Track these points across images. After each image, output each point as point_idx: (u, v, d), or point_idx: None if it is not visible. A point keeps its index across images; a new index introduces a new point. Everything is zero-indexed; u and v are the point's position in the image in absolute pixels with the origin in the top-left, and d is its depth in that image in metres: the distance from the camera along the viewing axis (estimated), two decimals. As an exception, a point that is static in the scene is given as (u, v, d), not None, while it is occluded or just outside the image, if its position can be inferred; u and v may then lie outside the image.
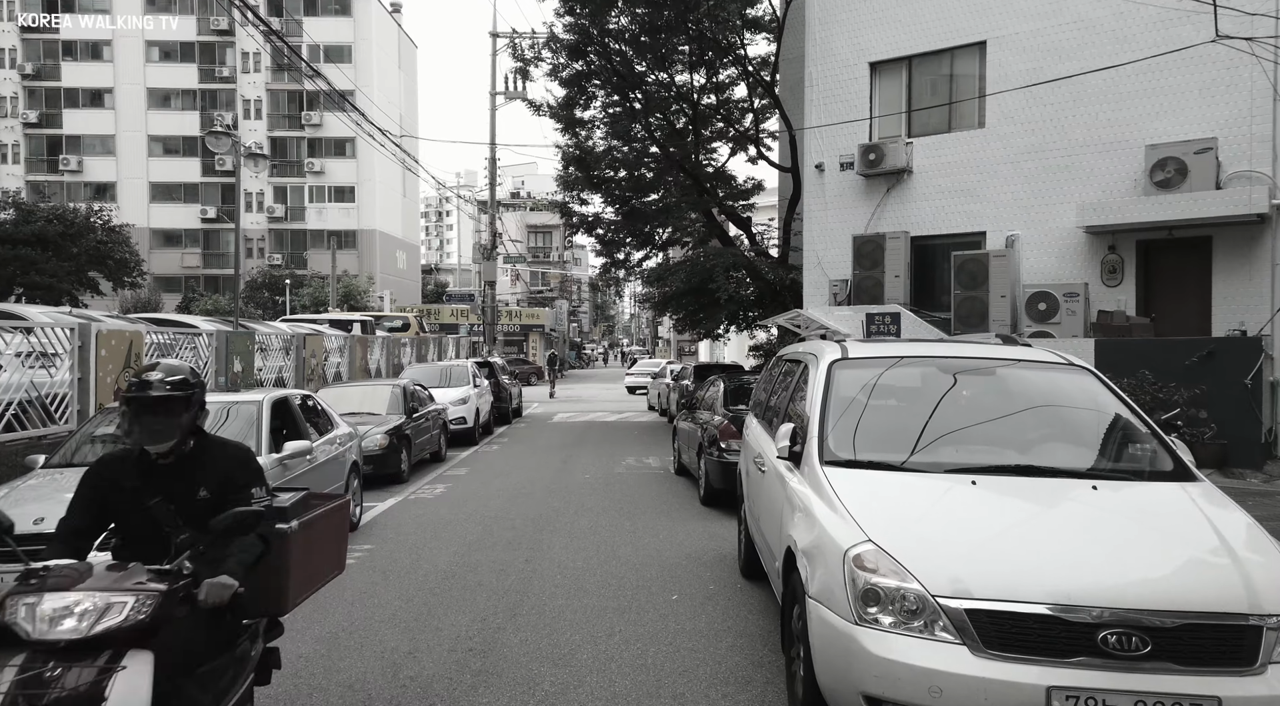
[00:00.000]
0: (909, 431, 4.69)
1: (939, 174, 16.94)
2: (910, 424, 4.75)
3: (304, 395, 9.10)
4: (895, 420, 4.83)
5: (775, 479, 5.21)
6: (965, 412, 4.88)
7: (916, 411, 4.84)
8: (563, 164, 26.27)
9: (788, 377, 6.49)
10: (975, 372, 5.09)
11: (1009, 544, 3.68)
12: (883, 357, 5.27)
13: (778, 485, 5.08)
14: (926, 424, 4.72)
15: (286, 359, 15.43)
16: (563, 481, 12.95)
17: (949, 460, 4.48)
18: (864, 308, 16.62)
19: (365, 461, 12.05)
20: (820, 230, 18.61)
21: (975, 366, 5.13)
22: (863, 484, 4.26)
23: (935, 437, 4.67)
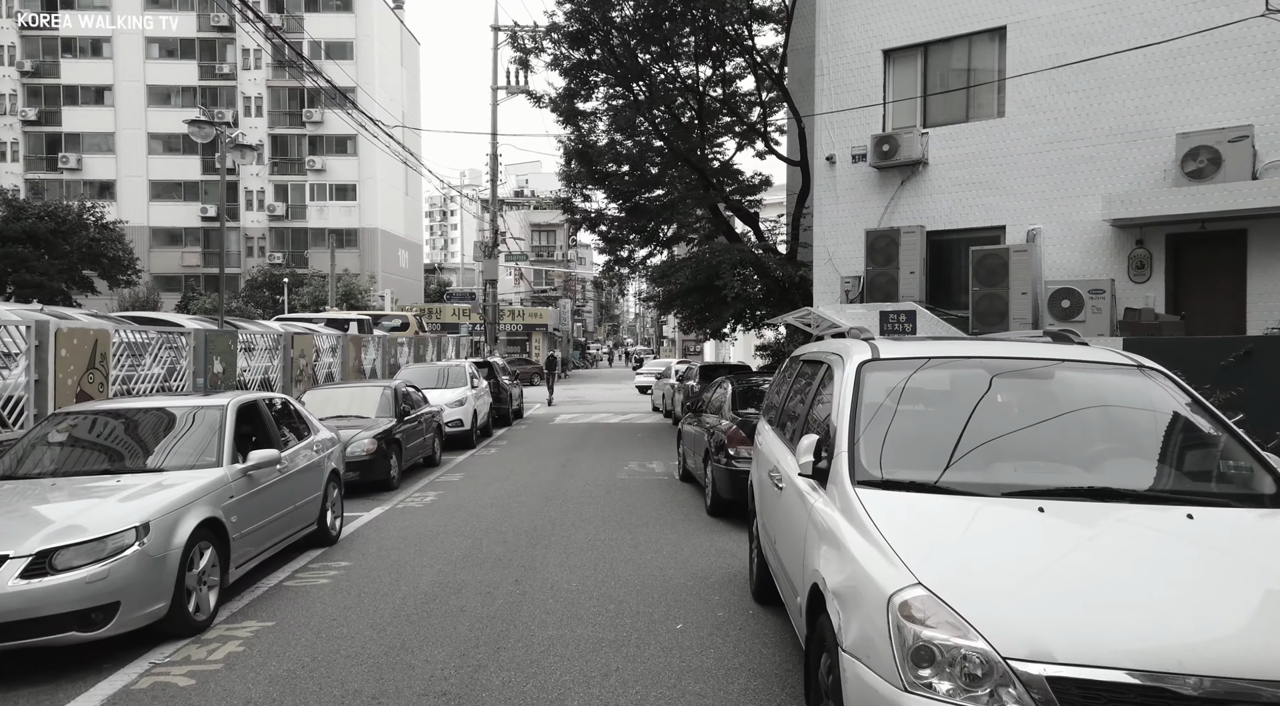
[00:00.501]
0: (956, 445, 3.97)
1: (956, 165, 16.21)
2: (957, 436, 4.04)
3: (278, 398, 8.41)
4: (939, 431, 4.11)
5: (796, 498, 4.50)
6: (1020, 423, 4.16)
7: (963, 421, 4.12)
8: (565, 159, 25.61)
9: (806, 380, 5.79)
10: (1029, 376, 4.38)
11: (1097, 591, 2.96)
12: (920, 358, 4.55)
13: (799, 506, 4.37)
14: (976, 437, 4.01)
15: (273, 359, 14.75)
16: (561, 488, 12.25)
17: (1006, 480, 3.77)
18: (878, 305, 15.90)
19: (351, 468, 11.41)
20: (831, 225, 17.88)
21: (1028, 368, 4.41)
22: (905, 510, 3.55)
23: (988, 453, 3.96)
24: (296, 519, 7.86)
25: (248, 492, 6.74)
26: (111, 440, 6.82)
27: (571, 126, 23.51)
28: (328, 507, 8.66)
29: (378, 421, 12.73)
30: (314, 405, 13.12)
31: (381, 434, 12.21)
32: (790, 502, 4.67)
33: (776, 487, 5.14)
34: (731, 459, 9.42)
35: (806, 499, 4.23)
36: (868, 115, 17.25)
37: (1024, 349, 4.65)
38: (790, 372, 6.68)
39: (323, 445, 8.82)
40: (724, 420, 10.24)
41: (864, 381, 4.36)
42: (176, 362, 11.45)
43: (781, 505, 4.93)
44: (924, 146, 16.45)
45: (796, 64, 23.86)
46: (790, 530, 4.58)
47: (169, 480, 6.18)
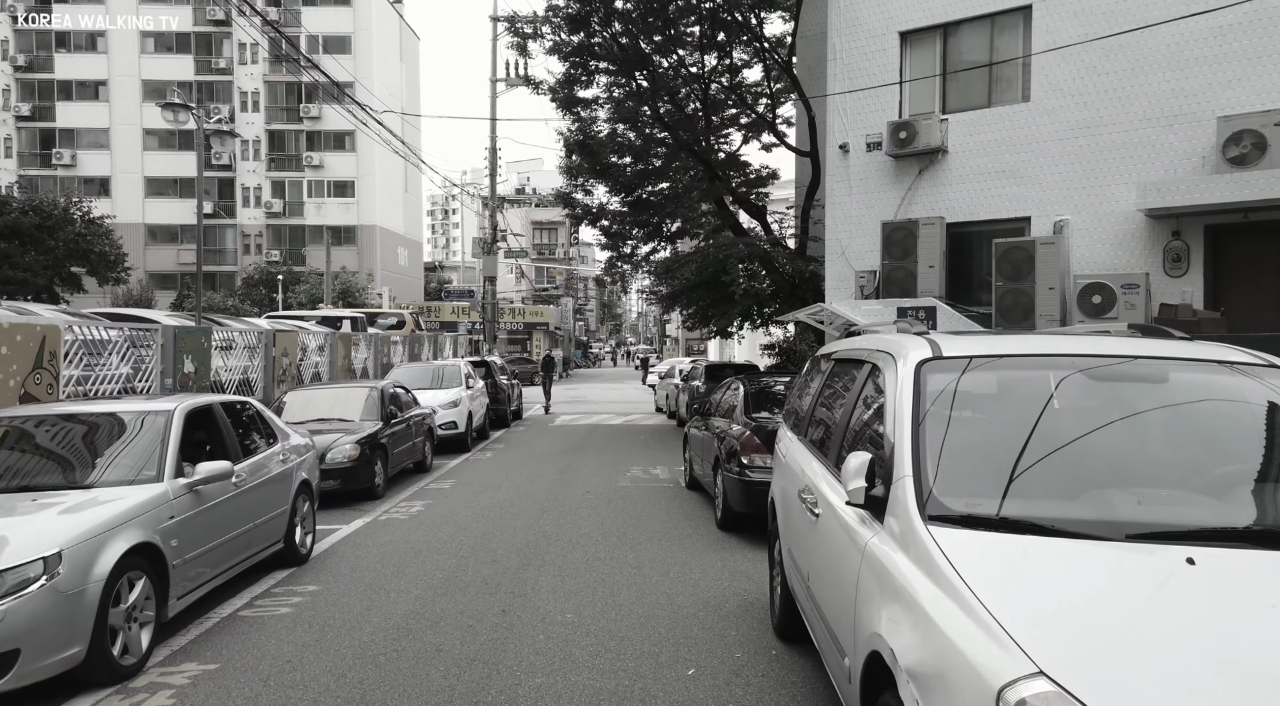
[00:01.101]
0: (1055, 468, 3.10)
1: (977, 153, 15.31)
2: (1055, 455, 3.15)
3: (238, 401, 7.53)
4: (1030, 449, 3.21)
5: (840, 532, 3.61)
6: (1135, 438, 3.28)
7: (1058, 436, 3.24)
8: (565, 151, 24.71)
9: (841, 383, 4.91)
10: (1136, 378, 3.48)
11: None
12: (993, 356, 3.67)
13: (846, 543, 3.49)
14: (1077, 457, 3.13)
15: (254, 359, 13.88)
16: (558, 497, 11.37)
17: (1129, 516, 2.88)
18: (895, 301, 15.00)
19: (331, 476, 10.58)
20: (844, 217, 16.99)
21: (1135, 370, 3.52)
22: (1000, 559, 2.67)
23: (1095, 477, 3.07)
24: (258, 537, 6.98)
25: (194, 511, 5.87)
26: (36, 451, 5.95)
27: (571, 115, 22.60)
28: (297, 523, 7.79)
29: (362, 425, 11.86)
30: (294, 407, 12.28)
31: (365, 439, 11.34)
32: (831, 535, 3.78)
33: (810, 513, 4.25)
34: (745, 468, 8.53)
35: (857, 535, 3.34)
36: (883, 102, 16.37)
37: (1121, 345, 3.76)
38: (816, 373, 5.80)
39: (292, 453, 7.94)
40: (735, 425, 9.36)
41: (926, 385, 3.47)
42: (138, 362, 10.57)
43: (819, 536, 4.04)
44: (943, 133, 15.55)
45: (806, 51, 22.97)
46: (833, 570, 3.70)
47: (100, 498, 5.32)
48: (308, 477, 8.17)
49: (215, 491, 6.18)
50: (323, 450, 10.72)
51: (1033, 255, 14.15)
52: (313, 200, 56.92)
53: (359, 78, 49.54)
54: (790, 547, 5.03)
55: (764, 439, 8.54)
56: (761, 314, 19.88)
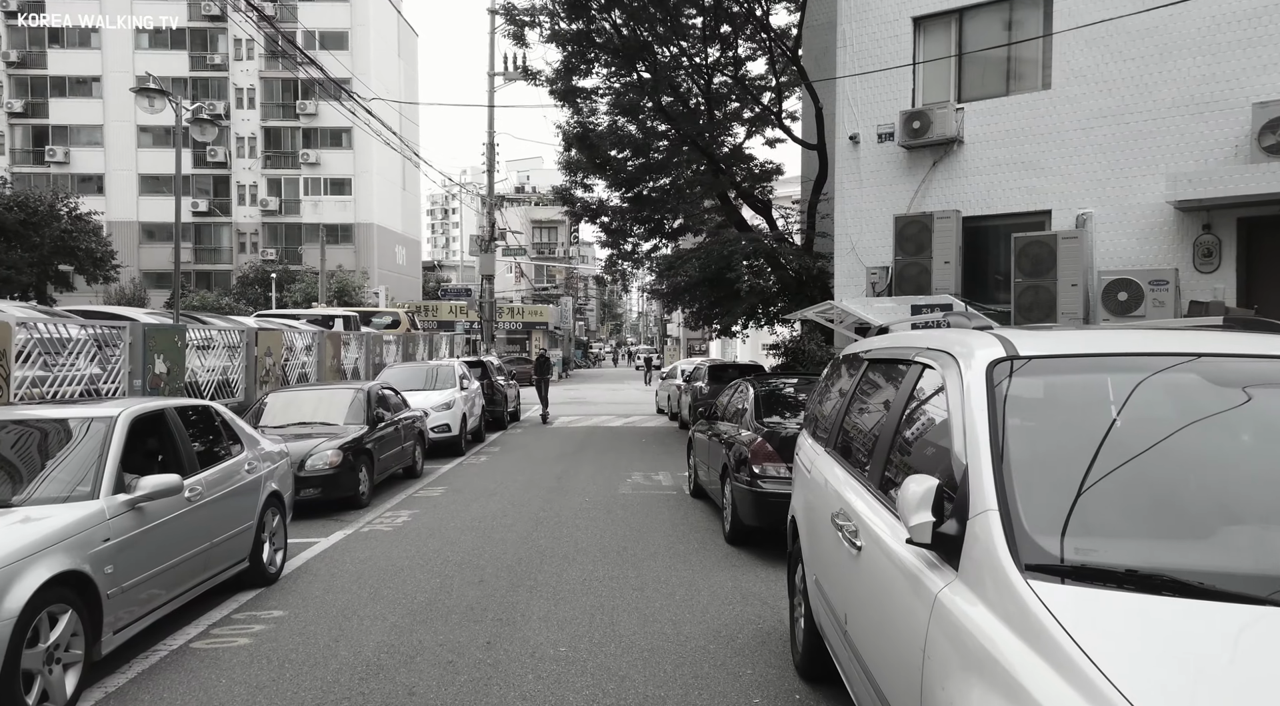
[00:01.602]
0: (1178, 497, 2.40)
1: (995, 144, 14.62)
2: (1177, 485, 2.45)
3: (195, 406, 6.82)
4: (1142, 476, 2.50)
5: (895, 576, 2.91)
6: (1273, 458, 2.57)
7: (1181, 456, 2.53)
8: (564, 145, 23.99)
9: (877, 388, 4.22)
10: (1268, 383, 2.77)
11: None
12: (1084, 356, 2.96)
13: (904, 591, 2.78)
14: (1209, 487, 2.42)
15: (234, 358, 13.18)
16: (554, 507, 10.66)
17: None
18: (909, 298, 14.28)
19: (311, 484, 9.89)
20: (854, 211, 16.28)
21: (1265, 371, 2.81)
22: (1131, 627, 1.98)
23: (1235, 509, 2.37)
24: (218, 558, 6.28)
25: (135, 531, 5.17)
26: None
27: (570, 107, 21.89)
28: (265, 539, 7.09)
29: (346, 429, 11.16)
30: (274, 410, 11.59)
31: (349, 444, 10.64)
32: (882, 577, 3.07)
33: (848, 543, 3.54)
34: (757, 478, 7.83)
35: (922, 583, 2.63)
36: (895, 91, 15.67)
37: (1239, 342, 3.04)
38: (843, 376, 5.10)
39: (262, 461, 7.23)
40: (745, 430, 8.65)
41: (1003, 393, 2.76)
42: (102, 363, 9.87)
43: (863, 575, 3.33)
44: (959, 123, 14.85)
45: (813, 42, 22.26)
46: (886, 621, 2.98)
47: (23, 518, 4.61)
48: (278, 489, 7.46)
49: (163, 508, 5.47)
50: (302, 456, 10.05)
51: (1054, 250, 13.46)
52: (309, 198, 56.22)
53: (356, 74, 48.82)
54: (818, 578, 4.32)
55: (777, 446, 7.84)
56: (767, 312, 19.17)
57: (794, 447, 7.84)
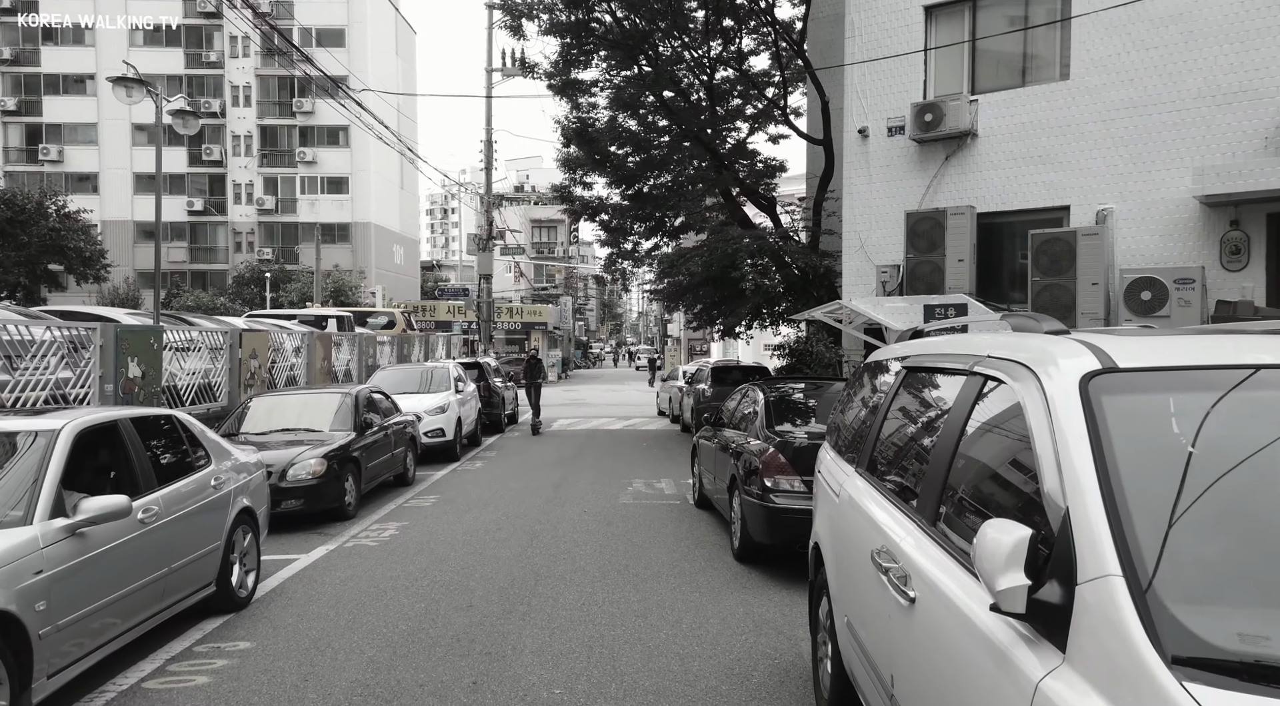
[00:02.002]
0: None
1: (1010, 137, 14.06)
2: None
3: (155, 416, 6.23)
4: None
5: (971, 648, 2.32)
6: None
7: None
8: (563, 140, 23.41)
9: (922, 402, 3.65)
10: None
11: None
12: (1208, 369, 2.38)
13: (987, 671, 2.20)
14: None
15: (217, 361, 12.59)
16: (552, 518, 10.08)
17: None
18: (921, 298, 13.73)
19: (292, 495, 9.34)
20: (863, 207, 15.71)
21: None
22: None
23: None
24: (178, 584, 5.70)
25: (76, 560, 4.58)
26: None
27: (569, 101, 21.31)
28: (234, 560, 6.52)
29: (331, 436, 10.58)
30: (256, 416, 11.01)
31: (334, 451, 10.06)
32: (951, 647, 2.48)
33: (896, 590, 2.95)
34: (768, 492, 7.24)
35: (1015, 664, 2.05)
36: (905, 82, 15.09)
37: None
38: (875, 385, 4.52)
39: (232, 475, 6.65)
40: (755, 439, 8.07)
41: (1105, 416, 2.19)
42: (73, 365, 9.30)
43: (919, 634, 2.74)
44: (972, 115, 14.28)
45: (818, 35, 21.70)
46: (956, 700, 2.40)
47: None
48: (251, 504, 6.88)
49: (110, 533, 4.89)
50: (284, 465, 9.48)
51: (1073, 247, 12.91)
52: (306, 197, 55.60)
53: (353, 71, 48.22)
54: (851, 620, 3.74)
55: (791, 457, 7.26)
56: (772, 313, 18.58)
57: (810, 459, 7.26)
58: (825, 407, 8.58)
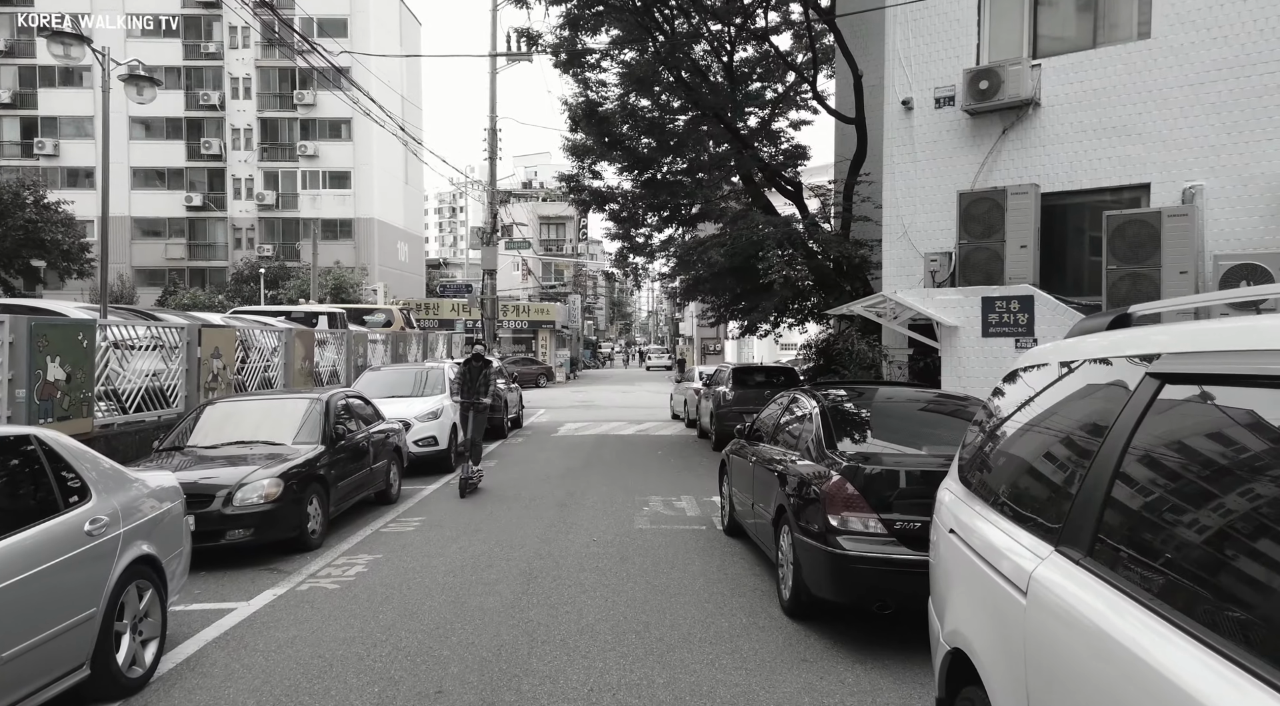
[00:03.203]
0: None
1: (1079, 106, 12.34)
2: None
3: (12, 435, 4.58)
4: None
5: None
6: None
7: None
8: (570, 123, 21.73)
9: (1227, 445, 1.92)
10: None
11: None
12: None
13: None
14: None
15: (172, 361, 10.95)
16: (554, 550, 8.40)
17: None
18: (978, 289, 12.03)
19: (242, 523, 7.73)
20: (907, 189, 13.99)
21: None
22: None
23: None
24: (22, 674, 4.04)
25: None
26: None
27: (575, 78, 19.62)
28: (124, 630, 4.87)
29: (294, 449, 8.92)
30: (208, 426, 9.37)
31: (295, 469, 8.41)
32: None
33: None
34: (833, 532, 5.54)
35: None
36: (956, 47, 13.38)
37: None
38: (1074, 405, 2.83)
39: (119, 515, 4.99)
40: (808, 459, 6.36)
41: None
42: None
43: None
44: (1035, 82, 12.55)
45: (847, 5, 19.97)
46: None
47: None
48: (154, 550, 5.22)
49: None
50: (230, 488, 7.83)
51: (1157, 230, 11.17)
52: (307, 192, 54.03)
53: (356, 62, 46.65)
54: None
55: (863, 488, 5.56)
56: (802, 307, 16.86)
57: (888, 492, 5.56)
58: (897, 421, 6.86)
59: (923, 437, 6.25)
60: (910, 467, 5.70)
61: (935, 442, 6.18)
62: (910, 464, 5.77)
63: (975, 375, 11.86)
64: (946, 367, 12.17)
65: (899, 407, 7.08)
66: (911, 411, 7.10)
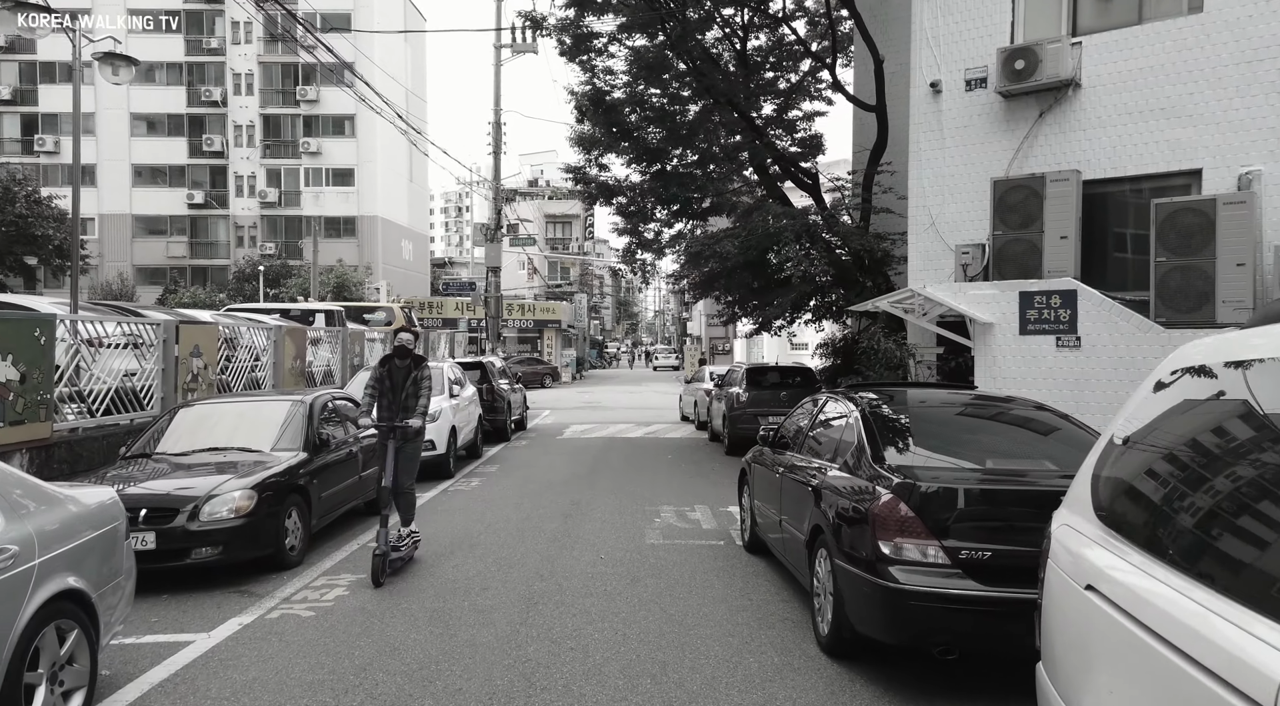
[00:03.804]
0: None
1: (1123, 87, 11.48)
2: None
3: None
4: None
5: None
6: None
7: None
8: (577, 113, 20.91)
9: None
10: None
11: None
12: None
13: None
14: None
15: (147, 360, 10.15)
16: (557, 570, 7.58)
17: None
18: (1015, 284, 11.16)
19: (210, 541, 6.95)
20: (935, 177, 13.14)
21: None
22: None
23: None
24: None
25: None
26: None
27: (582, 62, 18.78)
28: (36, 683, 4.04)
29: (273, 457, 8.12)
30: (180, 430, 8.59)
31: (272, 479, 7.59)
32: None
33: None
34: (884, 561, 4.69)
35: None
36: (989, 25, 12.52)
37: None
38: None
39: (33, 542, 4.16)
40: (847, 472, 5.51)
41: None
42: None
43: None
44: (1075, 61, 11.68)
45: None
46: None
47: None
48: (82, 584, 4.40)
49: None
50: (198, 500, 7.02)
51: (1211, 219, 10.30)
52: (310, 189, 53.27)
53: (361, 58, 45.89)
54: None
55: (918, 508, 4.72)
56: (823, 303, 16.00)
57: (946, 513, 4.70)
58: (949, 429, 6.01)
59: (982, 449, 5.41)
60: (973, 486, 4.85)
61: (998, 455, 5.34)
62: (972, 481, 4.93)
63: (1011, 376, 11.01)
64: (980, 368, 11.32)
65: (948, 414, 6.22)
66: (963, 418, 6.24)
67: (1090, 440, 4.68)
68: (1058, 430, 5.69)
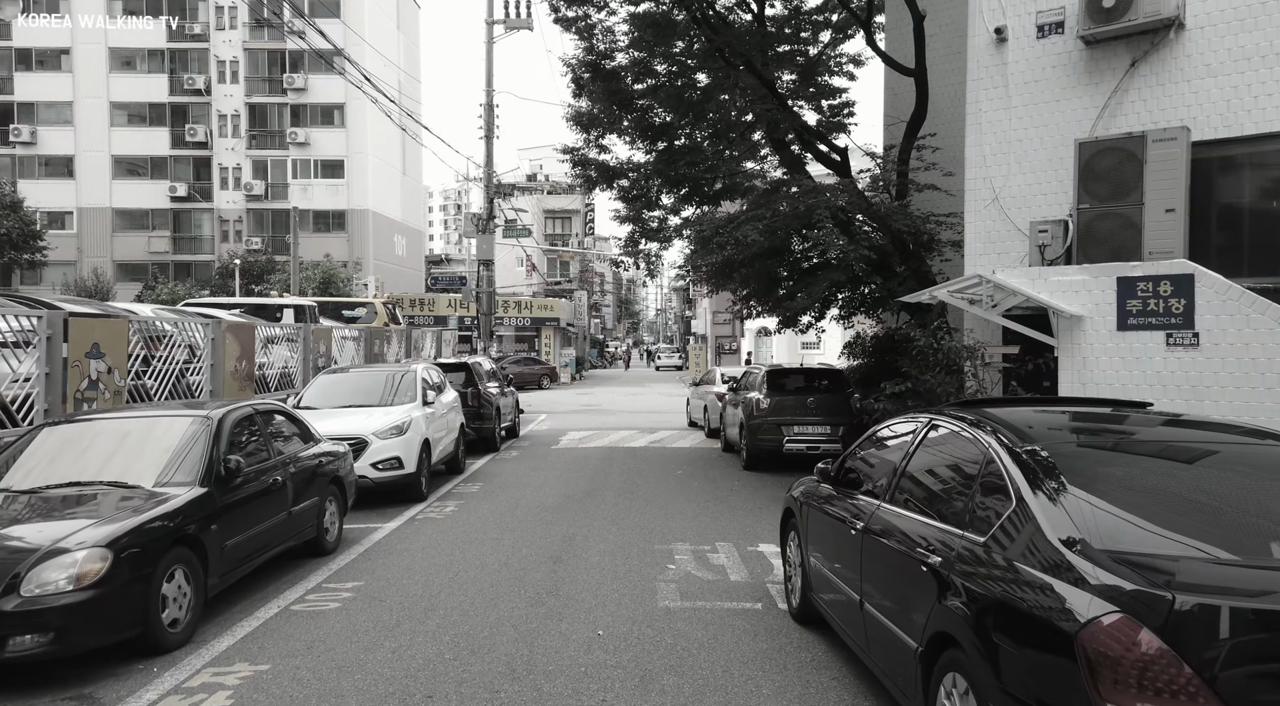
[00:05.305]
0: None
1: (1239, 26, 9.40)
2: None
3: None
4: None
5: None
6: None
7: None
8: (574, 89, 18.77)
9: None
10: None
11: None
12: None
13: None
14: None
15: (28, 361, 8.02)
16: (536, 661, 5.48)
17: None
18: (1112, 267, 9.01)
19: (33, 627, 4.82)
20: (998, 143, 11.01)
21: None
22: None
23: None
24: None
25: None
26: None
27: (578, 22, 16.62)
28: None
29: (159, 494, 6.00)
30: (40, 457, 6.47)
31: (141, 529, 5.48)
32: None
33: None
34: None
35: None
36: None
37: None
38: None
39: None
40: (997, 552, 3.37)
41: None
42: None
43: None
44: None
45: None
46: None
47: None
48: None
49: None
50: (21, 565, 4.91)
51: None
52: (298, 181, 51.06)
53: (350, 43, 43.72)
54: None
55: (1174, 638, 2.55)
56: (855, 294, 13.84)
57: (1213, 648, 2.54)
58: (1167, 482, 3.82)
59: (1245, 519, 3.27)
60: (1262, 602, 2.71)
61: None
62: (1258, 587, 2.79)
63: (1107, 381, 8.88)
64: (1066, 371, 9.19)
65: (1148, 450, 4.06)
66: (1180, 464, 4.02)
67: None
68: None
